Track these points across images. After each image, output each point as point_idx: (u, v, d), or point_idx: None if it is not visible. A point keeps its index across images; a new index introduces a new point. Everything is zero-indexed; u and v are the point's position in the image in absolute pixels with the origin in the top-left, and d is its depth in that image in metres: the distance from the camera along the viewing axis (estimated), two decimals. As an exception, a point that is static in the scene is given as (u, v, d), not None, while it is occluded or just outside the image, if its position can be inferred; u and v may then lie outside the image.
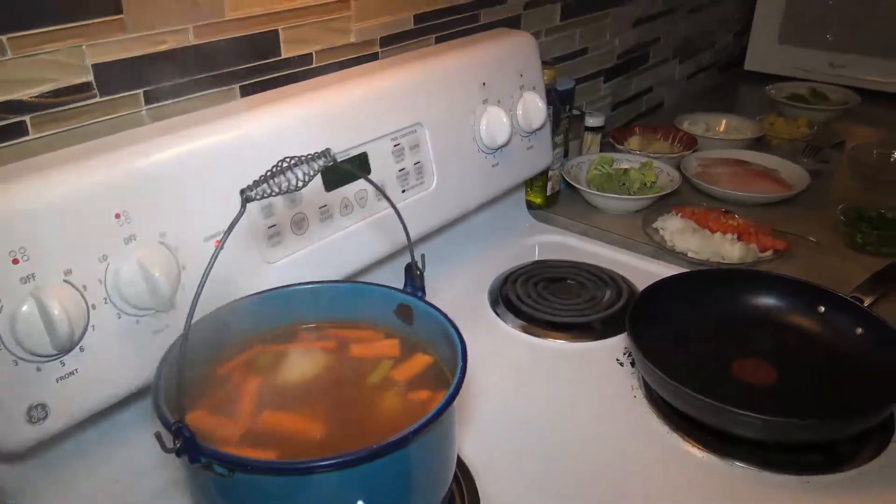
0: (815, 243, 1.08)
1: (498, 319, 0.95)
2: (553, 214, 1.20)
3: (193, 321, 0.53)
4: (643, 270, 1.04)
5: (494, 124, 0.97)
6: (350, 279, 0.83)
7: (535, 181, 1.18)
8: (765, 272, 0.97)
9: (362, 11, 0.90)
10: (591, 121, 1.31)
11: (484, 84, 0.97)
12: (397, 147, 0.88)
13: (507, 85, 1.01)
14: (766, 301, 0.90)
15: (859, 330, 0.84)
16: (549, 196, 1.20)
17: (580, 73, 1.36)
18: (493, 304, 0.98)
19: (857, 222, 1.09)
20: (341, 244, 0.81)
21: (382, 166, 0.86)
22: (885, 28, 1.70)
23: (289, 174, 0.54)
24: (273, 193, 0.53)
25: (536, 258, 1.10)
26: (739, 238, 1.06)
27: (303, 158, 0.55)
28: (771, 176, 1.27)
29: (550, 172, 1.18)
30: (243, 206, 0.52)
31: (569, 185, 1.22)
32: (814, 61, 1.81)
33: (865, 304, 0.87)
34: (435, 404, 0.53)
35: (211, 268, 0.51)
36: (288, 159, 0.54)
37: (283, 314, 0.70)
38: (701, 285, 0.91)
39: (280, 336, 0.70)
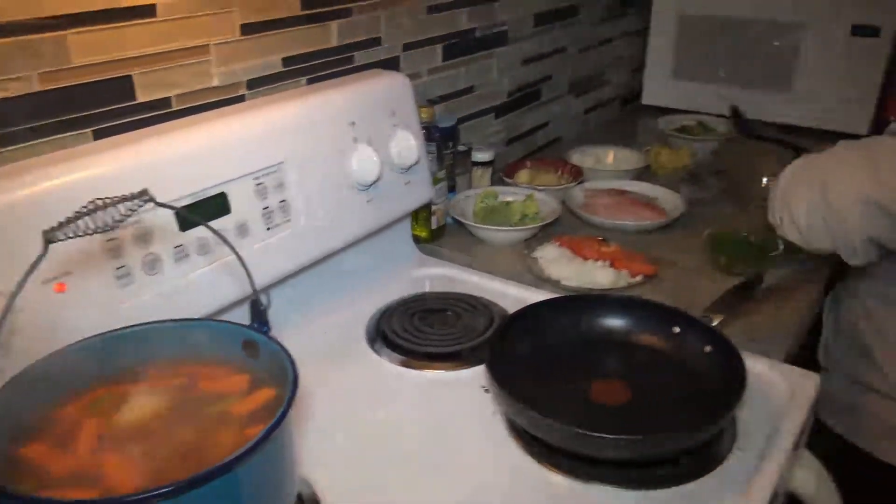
0: (680, 268, 1.13)
1: (374, 354, 0.97)
2: (439, 247, 1.23)
3: (33, 364, 0.53)
4: (521, 299, 1.07)
5: (364, 162, 1.00)
6: (208, 318, 0.84)
7: (420, 215, 1.21)
8: (623, 296, 1.01)
9: (224, 55, 0.92)
10: (480, 156, 1.36)
11: (353, 123, 1.00)
12: (260, 186, 0.89)
13: (378, 123, 1.04)
14: (625, 324, 0.94)
15: (708, 348, 0.88)
16: (435, 230, 1.23)
17: (469, 111, 1.40)
18: (370, 339, 1.00)
19: (722, 246, 1.15)
20: (199, 284, 0.82)
21: (244, 205, 0.87)
22: (765, 64, 1.80)
23: (99, 215, 0.55)
24: (80, 234, 0.54)
25: (420, 291, 1.12)
26: (611, 264, 1.11)
27: (115, 199, 0.56)
28: (650, 204, 1.32)
29: (434, 207, 1.22)
30: (45, 248, 0.53)
31: (456, 220, 1.25)
32: (705, 95, 1.90)
33: (714, 323, 0.91)
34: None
35: (9, 308, 0.51)
36: (99, 200, 0.55)
37: (130, 353, 0.70)
38: (562, 311, 0.94)
39: (127, 376, 0.70)
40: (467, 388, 0.90)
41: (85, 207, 0.55)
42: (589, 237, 1.18)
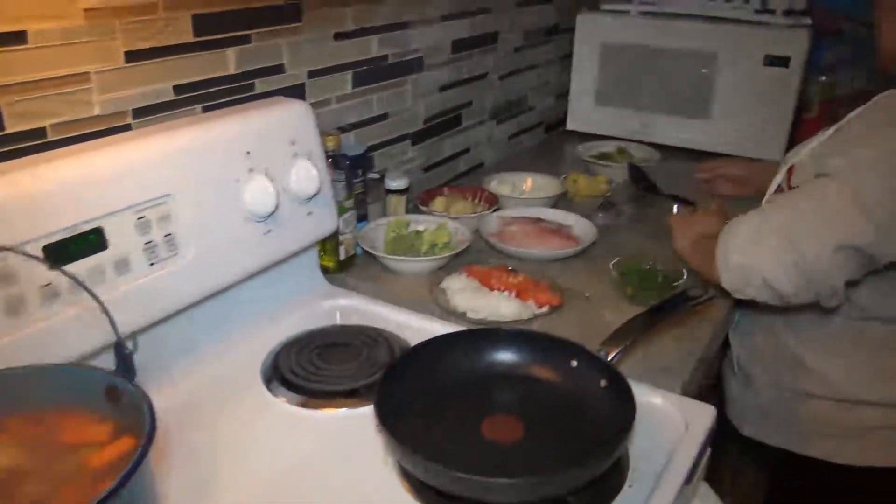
0: (587, 298, 1.13)
1: (269, 394, 0.93)
2: (348, 278, 1.20)
3: None
4: (425, 331, 1.05)
5: (259, 193, 0.97)
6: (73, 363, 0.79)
7: (328, 245, 1.18)
8: (520, 330, 0.99)
9: (107, 83, 0.89)
10: (393, 183, 1.34)
11: (249, 152, 0.97)
12: (142, 220, 0.86)
13: (276, 153, 1.01)
14: (522, 358, 0.92)
15: (603, 382, 0.87)
16: (343, 260, 1.21)
17: (383, 138, 1.39)
18: (267, 378, 0.96)
19: (629, 276, 1.15)
20: (67, 326, 0.78)
21: (124, 241, 0.84)
22: (685, 92, 1.83)
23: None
24: None
25: (324, 324, 1.09)
26: (518, 295, 1.10)
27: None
28: (563, 232, 1.32)
29: (342, 236, 1.19)
30: None
31: (366, 251, 1.23)
32: (626, 121, 1.92)
33: (611, 356, 0.91)
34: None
35: None
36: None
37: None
38: (457, 346, 0.92)
39: None
40: (363, 429, 0.87)
41: None
42: (498, 267, 1.17)
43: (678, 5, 1.83)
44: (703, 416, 0.90)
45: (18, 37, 0.79)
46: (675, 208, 1.37)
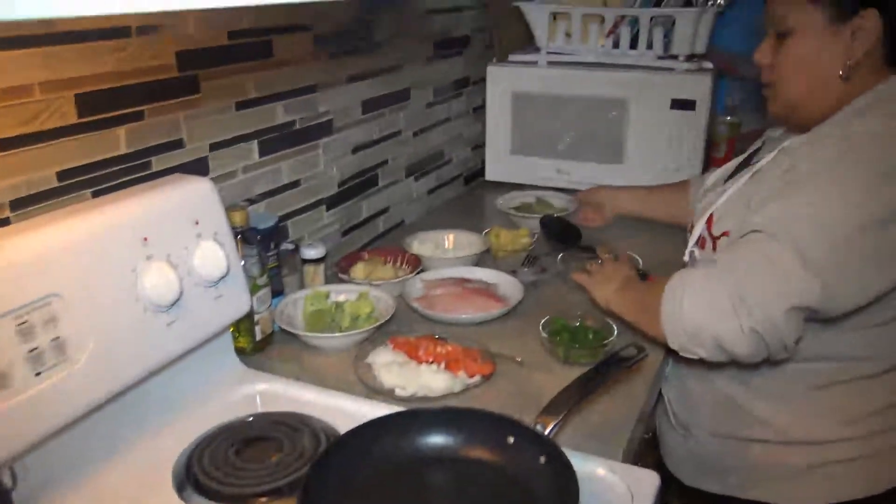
0: (519, 363, 1.09)
1: (181, 503, 0.84)
2: (266, 359, 1.13)
3: None
4: (351, 414, 0.98)
5: (159, 282, 0.89)
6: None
7: (242, 326, 1.11)
8: (450, 409, 0.93)
9: (-23, 175, 0.80)
10: (310, 253, 1.28)
11: (146, 239, 0.90)
12: (24, 325, 0.76)
13: (178, 236, 0.94)
14: (455, 439, 0.86)
15: (543, 458, 0.82)
16: (260, 341, 1.13)
17: (296, 206, 1.33)
18: (179, 484, 0.87)
19: (558, 336, 1.12)
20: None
21: (2, 351, 0.74)
22: (598, 138, 1.85)
23: None
24: None
25: (241, 414, 1.01)
26: (447, 366, 1.05)
27: None
28: (490, 292, 1.28)
29: (257, 316, 1.12)
30: None
31: (284, 330, 1.15)
32: (544, 169, 1.93)
33: (549, 428, 0.86)
34: None
35: None
36: None
37: None
38: (386, 432, 0.86)
39: None
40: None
41: None
42: (426, 337, 1.12)
43: (584, 55, 1.85)
44: (648, 483, 0.86)
45: None
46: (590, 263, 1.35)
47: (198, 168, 1.09)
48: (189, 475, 0.88)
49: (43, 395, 0.78)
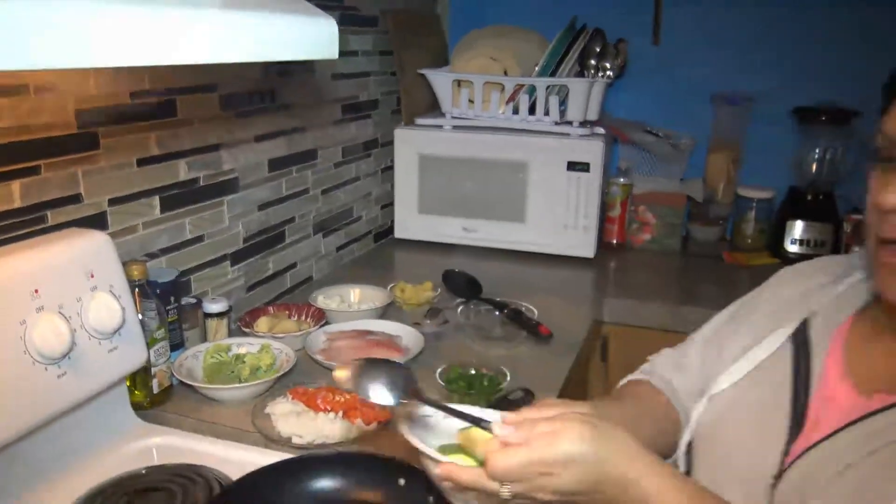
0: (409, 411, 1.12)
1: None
2: (164, 412, 1.12)
3: None
4: (247, 463, 0.99)
5: (49, 334, 0.89)
6: None
7: (138, 379, 1.10)
8: (339, 453, 0.96)
9: None
10: (212, 307, 1.29)
11: (37, 291, 0.90)
12: None
13: (71, 288, 0.94)
14: (347, 482, 0.89)
15: (431, 499, 0.85)
16: (158, 394, 1.13)
17: (200, 260, 1.34)
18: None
19: (454, 382, 1.16)
20: None
21: None
22: (501, 197, 1.94)
23: None
24: None
25: (135, 467, 1.00)
26: (345, 415, 1.07)
27: None
28: (391, 343, 1.32)
29: (155, 369, 1.12)
30: None
31: (183, 383, 1.15)
32: (451, 227, 2.00)
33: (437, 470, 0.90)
34: None
35: None
36: None
37: None
38: (277, 479, 0.87)
39: None
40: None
41: None
42: (325, 387, 1.14)
43: (487, 120, 1.96)
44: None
45: None
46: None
47: (96, 222, 1.10)
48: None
49: (-81, 449, 0.77)
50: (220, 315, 1.30)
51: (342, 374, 0.71)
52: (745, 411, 0.80)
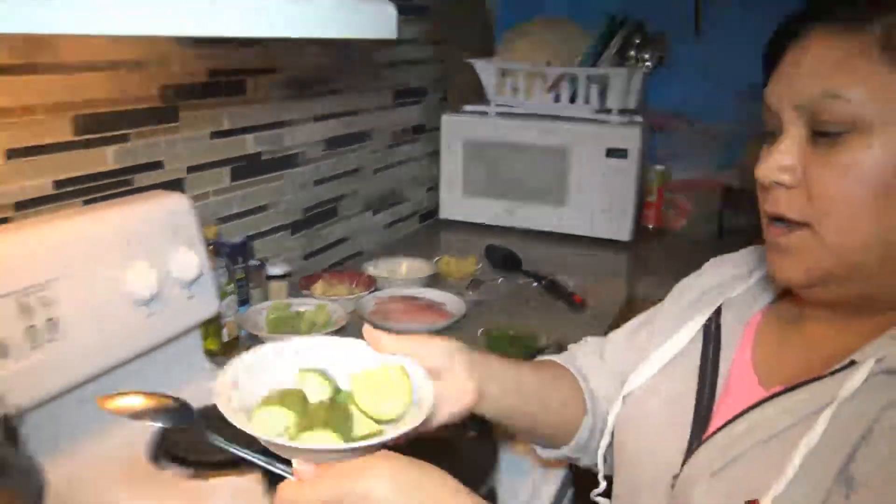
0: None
1: (155, 468, 0.95)
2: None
3: None
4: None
5: (141, 278, 1.02)
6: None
7: (210, 329, 1.23)
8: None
9: (-13, 179, 0.94)
10: (274, 270, 1.41)
11: (130, 241, 1.03)
12: (24, 304, 0.89)
13: (157, 241, 1.07)
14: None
15: (471, 433, 0.96)
16: (227, 342, 1.26)
17: (263, 227, 1.47)
18: (154, 457, 0.98)
19: (495, 342, 1.26)
20: None
21: (3, 325, 0.86)
22: (542, 182, 2.03)
23: None
24: None
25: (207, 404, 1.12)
26: (393, 364, 1.18)
27: None
28: (436, 308, 1.43)
29: (225, 320, 1.24)
30: None
31: (250, 333, 1.28)
32: (493, 209, 2.10)
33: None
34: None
35: None
36: None
37: None
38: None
39: None
40: (252, 495, 0.91)
41: None
42: (375, 340, 1.26)
43: (530, 107, 2.05)
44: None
45: None
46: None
47: (175, 188, 1.23)
48: (161, 446, 0.99)
49: (35, 367, 0.90)
50: (280, 277, 1.42)
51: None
52: (654, 410, 0.75)
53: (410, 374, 0.63)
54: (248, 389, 0.62)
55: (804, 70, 0.60)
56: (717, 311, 0.76)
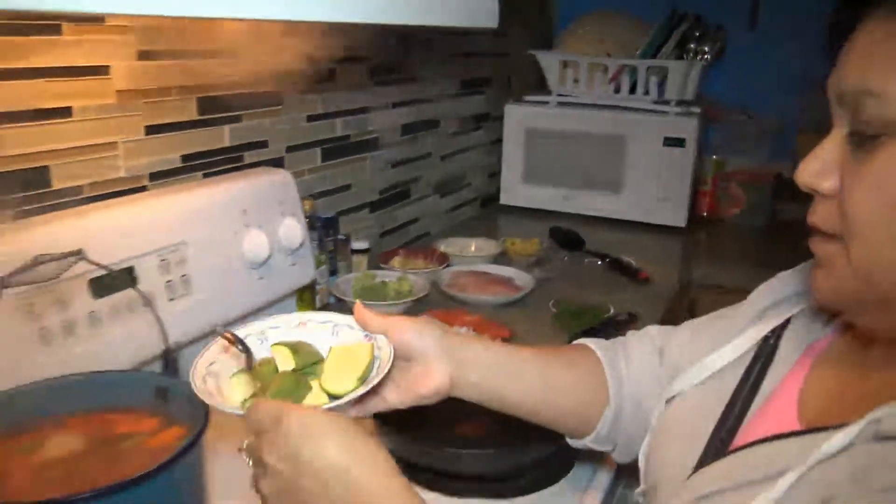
0: (531, 334, 1.33)
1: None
2: (323, 324, 1.37)
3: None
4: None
5: (256, 243, 1.14)
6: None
7: (304, 295, 1.35)
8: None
9: (130, 151, 1.06)
10: (357, 244, 1.53)
11: (245, 211, 1.15)
12: (164, 262, 1.01)
13: (267, 212, 1.19)
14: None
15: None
16: (319, 308, 1.37)
17: (346, 205, 1.58)
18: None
19: (566, 312, 1.36)
20: (111, 345, 0.92)
21: (150, 278, 0.99)
22: (600, 169, 2.12)
23: (42, 268, 0.67)
24: (28, 283, 0.65)
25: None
26: (474, 329, 1.28)
27: (55, 256, 0.68)
28: (506, 283, 1.53)
29: (318, 287, 1.36)
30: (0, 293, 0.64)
31: (338, 299, 1.40)
32: (552, 195, 2.19)
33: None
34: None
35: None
36: (40, 256, 0.67)
37: (51, 403, 0.79)
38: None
39: (46, 422, 0.78)
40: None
41: (32, 262, 0.66)
42: (455, 309, 1.36)
43: (590, 97, 2.14)
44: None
45: (65, 111, 0.96)
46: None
47: (276, 165, 1.35)
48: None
49: (172, 317, 1.02)
50: (363, 251, 1.53)
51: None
52: (680, 418, 0.70)
53: (376, 355, 0.68)
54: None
55: (850, 62, 0.52)
56: (785, 324, 0.68)
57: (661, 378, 0.79)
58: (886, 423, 0.46)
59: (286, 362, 0.70)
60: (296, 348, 0.71)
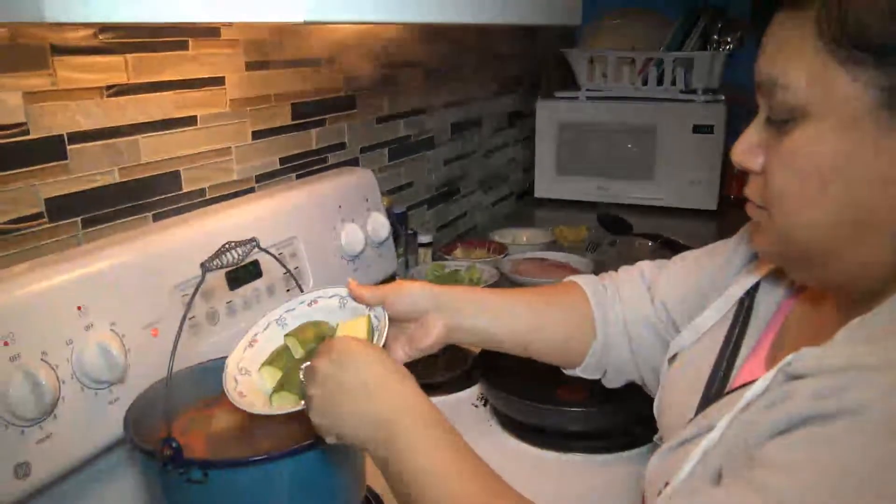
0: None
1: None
2: (403, 312, 1.45)
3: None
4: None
5: (352, 237, 1.23)
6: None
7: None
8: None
9: (241, 156, 1.15)
10: (423, 238, 1.62)
11: (340, 207, 1.24)
12: (281, 255, 1.10)
13: (357, 207, 1.28)
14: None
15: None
16: (398, 298, 1.46)
17: (409, 202, 1.67)
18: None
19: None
20: (244, 333, 1.00)
21: (271, 270, 1.08)
22: (631, 158, 2.22)
23: (228, 254, 0.75)
24: (221, 266, 0.74)
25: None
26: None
27: (239, 243, 0.77)
28: (566, 266, 1.62)
29: (396, 278, 1.45)
30: (203, 275, 0.72)
31: (412, 289, 1.49)
32: (585, 186, 2.29)
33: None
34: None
35: (181, 329, 0.70)
36: (229, 243, 0.76)
37: (208, 384, 0.87)
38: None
39: (210, 400, 0.86)
40: (462, 407, 1.12)
41: (223, 248, 0.75)
42: (526, 292, 1.45)
43: (619, 90, 2.23)
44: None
45: (193, 120, 1.04)
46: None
47: (352, 164, 1.44)
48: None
49: (291, 306, 1.11)
50: (427, 245, 1.63)
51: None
52: (677, 377, 0.75)
53: (374, 325, 0.77)
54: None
55: (764, 53, 0.59)
56: (757, 286, 0.73)
57: (648, 313, 0.86)
58: (794, 365, 0.52)
59: (295, 350, 0.80)
60: (301, 337, 0.80)
